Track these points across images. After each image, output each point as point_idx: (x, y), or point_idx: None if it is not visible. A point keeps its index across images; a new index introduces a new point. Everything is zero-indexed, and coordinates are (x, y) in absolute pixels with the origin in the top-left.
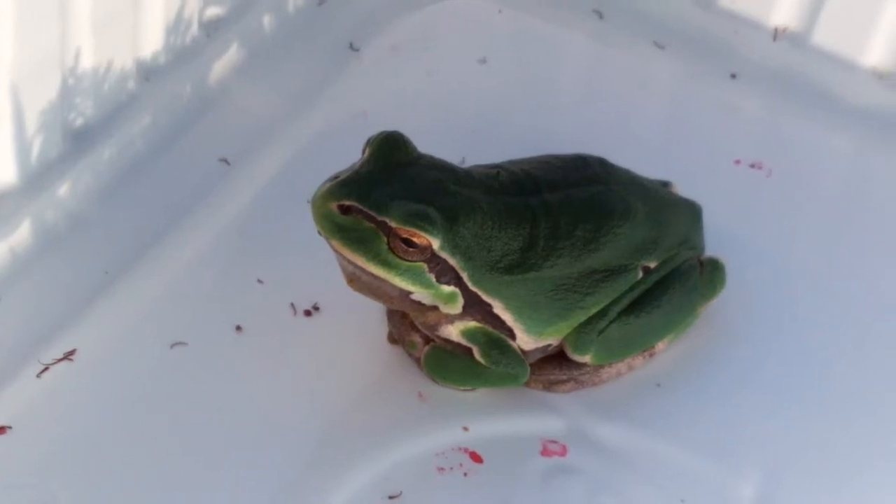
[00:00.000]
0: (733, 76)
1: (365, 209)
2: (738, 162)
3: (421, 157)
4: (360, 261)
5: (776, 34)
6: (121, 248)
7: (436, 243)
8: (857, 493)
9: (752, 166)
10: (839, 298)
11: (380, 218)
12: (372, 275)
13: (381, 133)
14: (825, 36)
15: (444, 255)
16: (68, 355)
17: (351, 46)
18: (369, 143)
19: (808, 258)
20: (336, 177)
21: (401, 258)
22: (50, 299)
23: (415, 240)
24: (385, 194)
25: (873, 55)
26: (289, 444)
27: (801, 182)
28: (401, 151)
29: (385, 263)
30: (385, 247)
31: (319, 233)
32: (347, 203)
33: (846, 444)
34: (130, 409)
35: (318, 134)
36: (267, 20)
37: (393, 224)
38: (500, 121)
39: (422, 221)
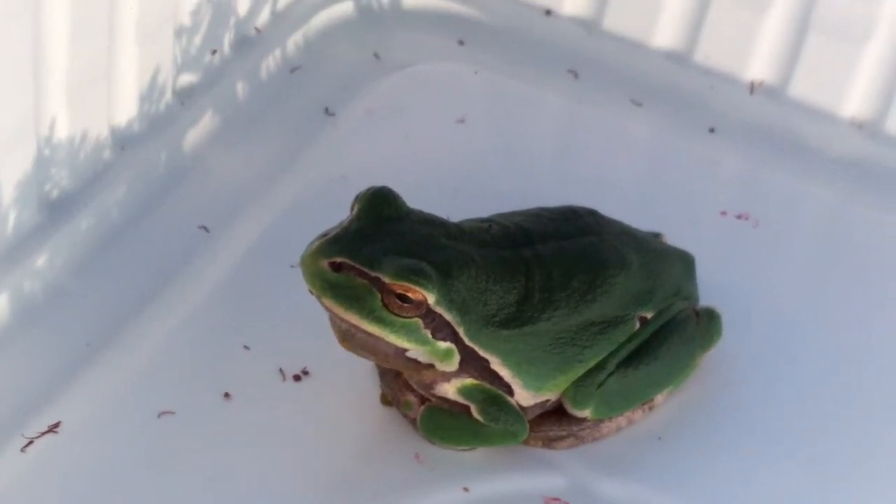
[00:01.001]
0: (712, 130)
1: (357, 265)
2: (724, 213)
3: (410, 212)
4: (354, 318)
5: (752, 88)
6: (102, 319)
7: (431, 298)
8: None
9: (739, 217)
10: (832, 345)
11: (373, 274)
12: (366, 332)
13: (370, 188)
14: (802, 88)
15: (440, 310)
16: (52, 428)
17: (326, 111)
18: (358, 199)
19: (799, 306)
20: (325, 234)
21: (395, 314)
22: (31, 372)
23: (410, 295)
24: (377, 250)
25: (851, 105)
26: None
27: (789, 232)
28: (390, 207)
29: (379, 320)
30: (379, 303)
31: (311, 292)
32: (339, 260)
33: (851, 489)
34: (119, 480)
35: (298, 199)
36: (240, 87)
37: (387, 280)
38: (483, 179)
39: (416, 276)
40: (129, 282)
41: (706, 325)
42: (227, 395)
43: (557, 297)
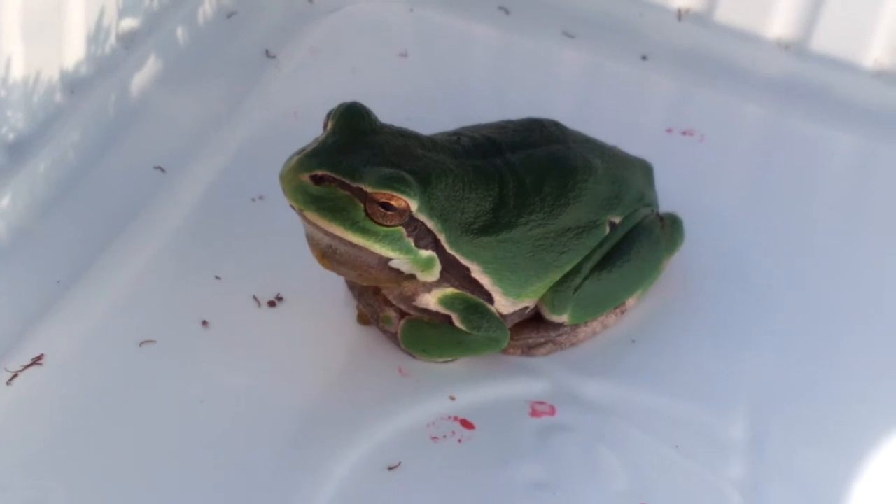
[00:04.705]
0: (644, 58)
1: (338, 177)
2: (670, 130)
3: (384, 125)
4: (339, 230)
5: (680, 14)
6: (69, 258)
7: (413, 205)
8: (838, 418)
9: (684, 133)
10: (777, 244)
11: (354, 184)
12: (350, 244)
13: (343, 104)
14: (728, 12)
15: (422, 217)
16: (36, 360)
17: (267, 53)
18: (331, 115)
19: (748, 212)
20: (302, 150)
21: (379, 223)
22: (6, 310)
23: (392, 203)
24: (356, 161)
25: (776, 27)
26: (276, 430)
27: (731, 146)
28: (364, 121)
29: (363, 230)
30: (362, 213)
31: (292, 206)
32: (319, 173)
33: (819, 373)
34: (106, 406)
35: (252, 136)
36: (180, 33)
37: (369, 189)
38: (433, 107)
39: (398, 183)
40: (91, 222)
41: (670, 229)
42: (204, 322)
43: (531, 202)
